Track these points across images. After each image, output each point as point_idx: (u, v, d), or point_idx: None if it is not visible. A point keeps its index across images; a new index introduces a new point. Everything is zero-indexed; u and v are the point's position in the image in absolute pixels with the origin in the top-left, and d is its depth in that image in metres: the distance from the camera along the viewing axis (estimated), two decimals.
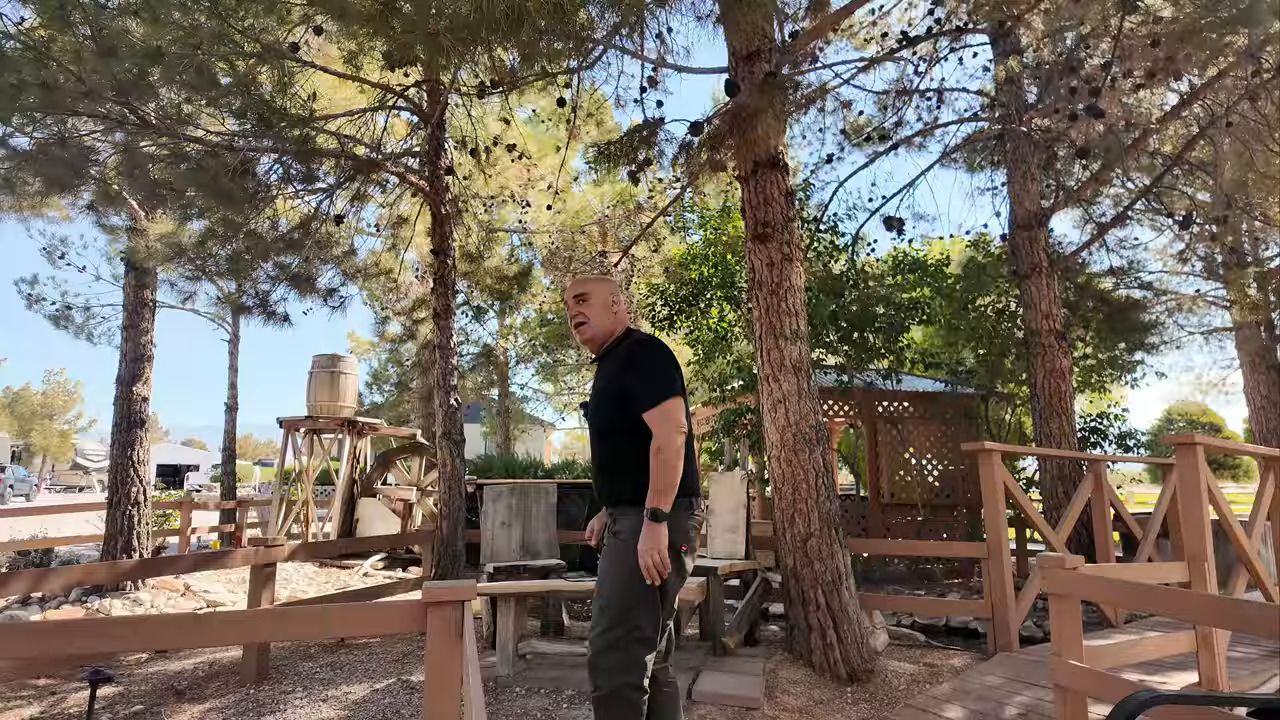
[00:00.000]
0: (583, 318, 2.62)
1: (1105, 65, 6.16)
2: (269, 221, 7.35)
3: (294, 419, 10.76)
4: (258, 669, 4.28)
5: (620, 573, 2.36)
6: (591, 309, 2.62)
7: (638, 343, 2.57)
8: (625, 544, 2.35)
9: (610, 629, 2.30)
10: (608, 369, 2.61)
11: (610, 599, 2.35)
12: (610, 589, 2.37)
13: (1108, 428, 8.97)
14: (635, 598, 2.31)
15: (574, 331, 2.67)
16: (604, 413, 2.54)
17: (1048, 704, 3.49)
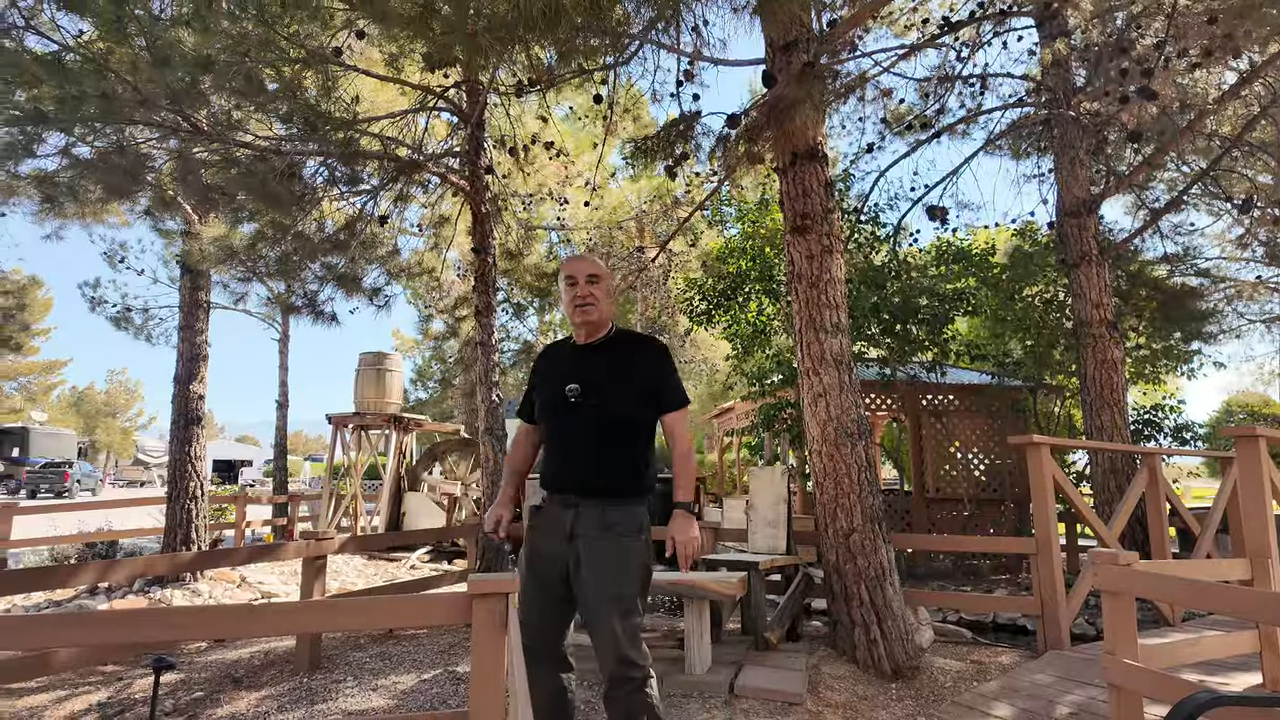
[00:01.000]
0: (593, 299, 2.54)
1: (1158, 45, 5.95)
2: (316, 223, 7.54)
3: (342, 415, 11.02)
4: (310, 658, 4.42)
5: (633, 565, 2.44)
6: (601, 293, 2.57)
7: (660, 344, 2.69)
8: (627, 536, 2.45)
9: (634, 618, 2.41)
10: (616, 361, 2.57)
11: (626, 591, 2.41)
12: (627, 580, 2.42)
13: (1163, 420, 8.67)
14: (644, 587, 2.48)
15: (576, 311, 2.54)
16: (625, 406, 2.51)
17: (1101, 704, 3.41)
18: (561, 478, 2.55)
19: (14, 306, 7.42)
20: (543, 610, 2.51)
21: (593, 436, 2.50)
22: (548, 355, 2.78)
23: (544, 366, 2.73)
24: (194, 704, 3.89)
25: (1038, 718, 3.46)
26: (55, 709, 3.87)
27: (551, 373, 2.62)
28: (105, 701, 3.97)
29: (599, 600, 2.40)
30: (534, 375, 2.75)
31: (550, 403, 2.58)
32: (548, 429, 2.63)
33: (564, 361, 2.63)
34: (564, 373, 2.56)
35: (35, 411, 38.51)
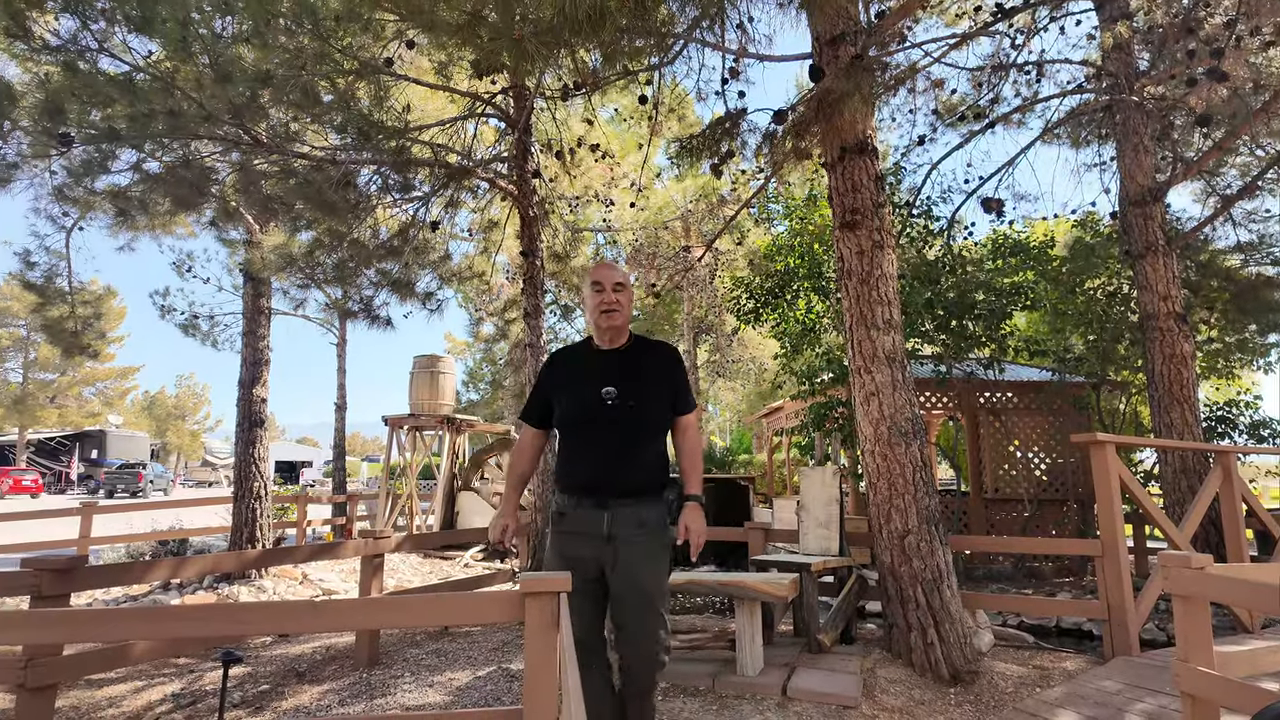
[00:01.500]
0: (619, 306, 2.63)
1: (1228, 24, 5.67)
2: (370, 230, 7.74)
3: (398, 417, 11.29)
4: (369, 654, 4.54)
5: (666, 561, 2.59)
6: (626, 300, 2.67)
7: (675, 350, 2.81)
8: (661, 532, 2.56)
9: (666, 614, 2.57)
10: (642, 365, 2.65)
11: (663, 587, 2.58)
12: (662, 576, 2.58)
13: (1237, 416, 8.26)
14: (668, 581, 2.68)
15: (602, 316, 2.62)
16: (652, 409, 2.62)
17: (1173, 713, 3.27)
18: (595, 479, 2.55)
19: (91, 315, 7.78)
20: (581, 608, 2.53)
21: (629, 437, 2.55)
22: (564, 360, 2.77)
23: (563, 371, 2.72)
24: (260, 696, 4.03)
25: None
26: (133, 699, 4.06)
27: (577, 376, 2.66)
28: (178, 693, 4.15)
29: (641, 599, 2.48)
30: (549, 380, 2.73)
31: (582, 406, 2.58)
32: (575, 432, 2.62)
33: (589, 365, 2.66)
34: (594, 376, 2.60)
35: (111, 415, 40.47)
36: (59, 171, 6.04)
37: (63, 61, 5.11)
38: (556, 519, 2.62)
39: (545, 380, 2.75)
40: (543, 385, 2.75)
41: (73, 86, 5.10)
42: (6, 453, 36.19)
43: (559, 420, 2.67)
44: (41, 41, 5.06)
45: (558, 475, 2.66)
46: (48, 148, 5.44)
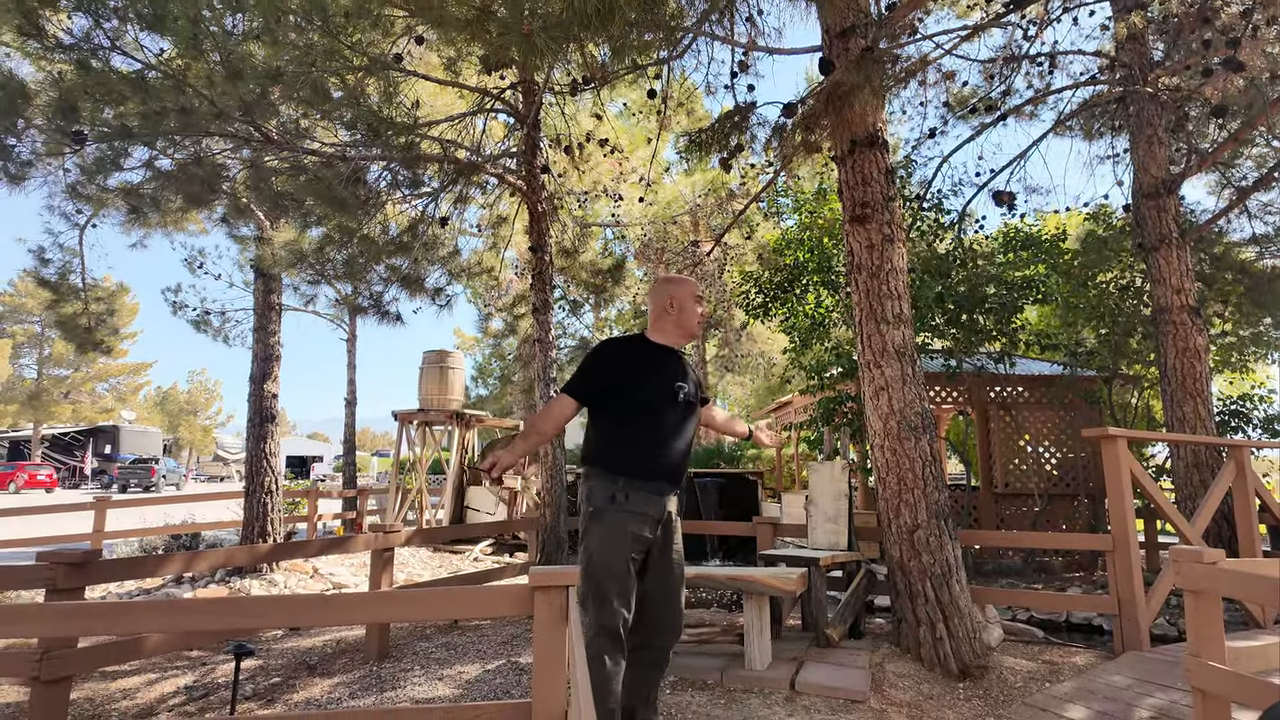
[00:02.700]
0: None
1: (1245, 13, 5.61)
2: (380, 226, 7.77)
3: (407, 412, 11.34)
4: (379, 647, 4.57)
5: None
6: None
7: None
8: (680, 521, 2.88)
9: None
10: (684, 367, 2.94)
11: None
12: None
13: (1251, 410, 8.18)
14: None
15: (697, 325, 2.98)
16: (696, 404, 2.94)
17: (1184, 708, 3.25)
18: (661, 467, 2.73)
19: (105, 312, 7.85)
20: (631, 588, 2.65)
21: (689, 431, 2.85)
22: (634, 350, 2.90)
23: (635, 361, 2.84)
24: (272, 689, 4.07)
25: None
26: (146, 691, 4.11)
27: (651, 368, 2.82)
28: (191, 685, 4.19)
29: (677, 579, 2.80)
30: (618, 366, 2.81)
31: (659, 397, 2.78)
32: (645, 421, 2.74)
33: (659, 360, 2.86)
34: (667, 371, 2.83)
35: (124, 411, 40.85)
36: (72, 169, 6.09)
37: (75, 60, 5.14)
38: (613, 500, 2.66)
39: (611, 366, 2.82)
40: (607, 369, 2.81)
41: (85, 84, 5.13)
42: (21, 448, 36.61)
43: (629, 406, 2.75)
44: (55, 40, 5.09)
45: (616, 459, 2.72)
46: (61, 145, 5.48)
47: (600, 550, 2.63)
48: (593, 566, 2.62)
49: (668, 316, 2.94)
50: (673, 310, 2.94)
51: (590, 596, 2.60)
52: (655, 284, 3.03)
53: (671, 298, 2.94)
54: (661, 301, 2.95)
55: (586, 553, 2.66)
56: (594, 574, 2.61)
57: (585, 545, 2.68)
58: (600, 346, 2.91)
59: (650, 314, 3.02)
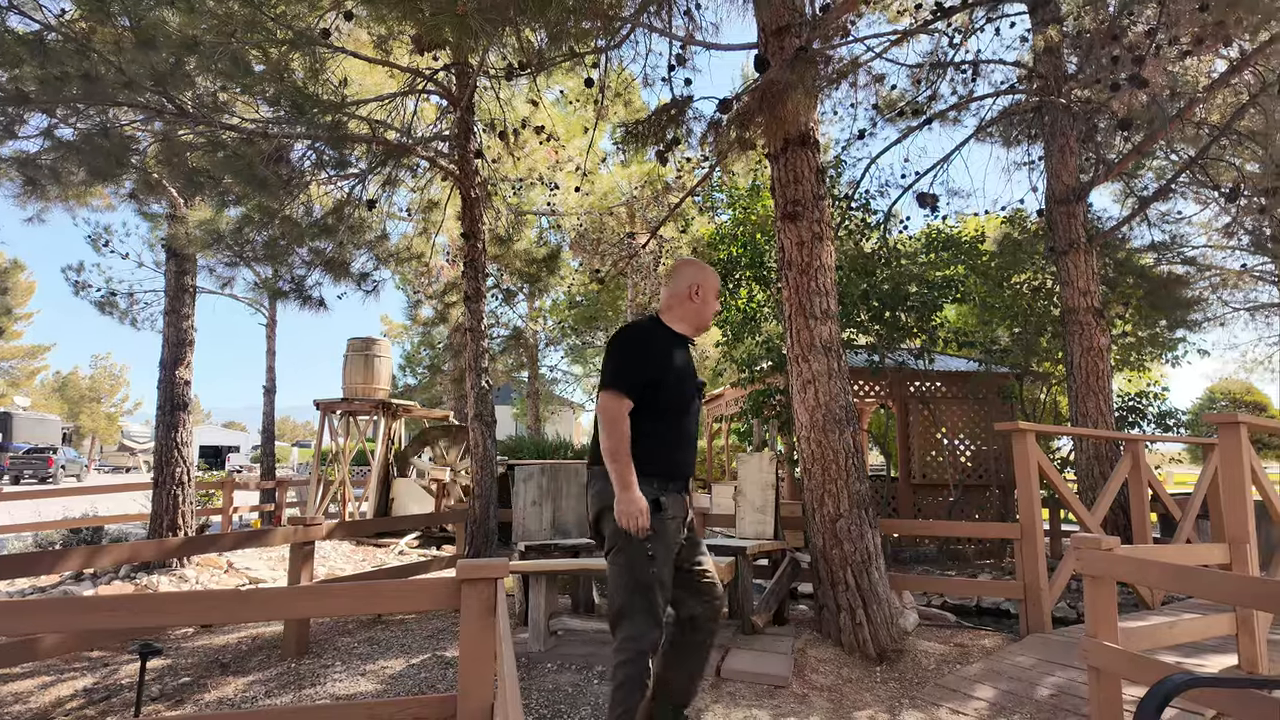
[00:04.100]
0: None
1: (1150, 32, 5.95)
2: (303, 207, 7.47)
3: (330, 401, 10.98)
4: (298, 644, 4.43)
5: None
6: None
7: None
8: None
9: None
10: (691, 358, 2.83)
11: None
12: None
13: (1147, 407, 8.76)
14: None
15: (709, 322, 2.83)
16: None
17: (1080, 685, 3.46)
18: (686, 466, 2.68)
19: None
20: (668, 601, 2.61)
21: (693, 426, 2.75)
22: (665, 341, 2.67)
23: (667, 354, 2.63)
24: (181, 689, 3.89)
25: (1018, 699, 3.52)
26: (41, 695, 3.86)
27: (680, 362, 2.65)
28: (91, 687, 3.97)
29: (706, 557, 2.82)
30: (658, 360, 2.60)
31: (688, 396, 2.67)
32: (677, 420, 2.61)
33: (681, 351, 2.71)
34: (689, 367, 2.72)
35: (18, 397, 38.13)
36: None
37: None
38: (659, 507, 2.50)
39: (653, 359, 2.60)
40: (651, 362, 2.58)
41: None
42: None
43: (662, 403, 2.55)
44: None
45: (652, 460, 2.52)
46: None
47: (656, 561, 2.47)
48: (646, 578, 2.44)
49: (689, 304, 2.74)
50: (696, 298, 2.74)
51: (639, 611, 2.43)
52: (681, 266, 2.81)
53: (698, 285, 2.74)
54: (686, 286, 2.74)
55: (631, 566, 2.46)
56: (646, 586, 2.44)
57: (628, 557, 2.46)
58: (638, 335, 2.66)
59: (668, 296, 2.79)
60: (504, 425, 19.48)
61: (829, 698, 3.60)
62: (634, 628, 2.42)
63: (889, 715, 3.44)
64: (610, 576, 2.53)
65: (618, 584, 2.48)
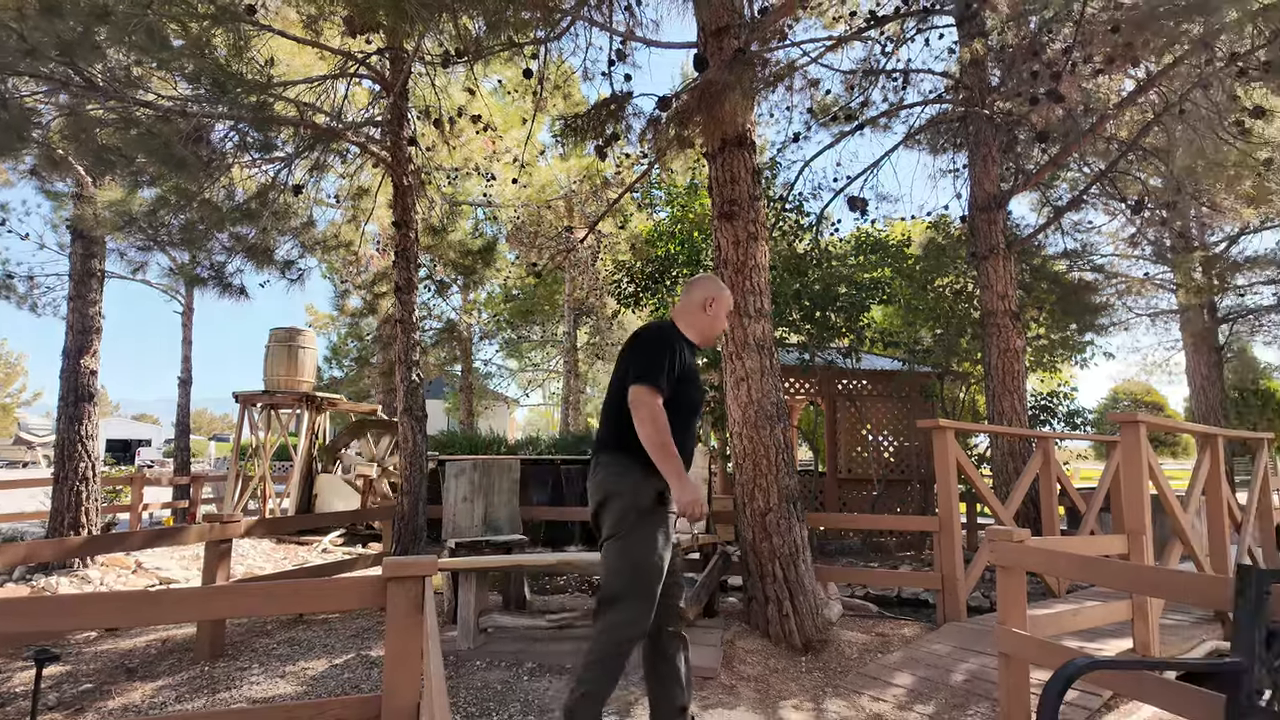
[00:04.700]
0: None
1: (1066, 50, 6.26)
2: (224, 190, 7.12)
3: (250, 393, 10.54)
4: (212, 646, 4.24)
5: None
6: None
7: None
8: None
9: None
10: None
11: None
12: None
13: (1057, 406, 9.25)
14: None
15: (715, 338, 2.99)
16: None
17: (992, 670, 3.63)
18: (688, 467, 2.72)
19: None
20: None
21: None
22: (683, 342, 2.79)
23: (689, 356, 2.78)
24: (81, 696, 3.68)
25: (935, 685, 3.66)
26: None
27: (693, 366, 2.80)
28: None
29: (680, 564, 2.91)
30: (685, 360, 2.71)
31: (698, 398, 2.82)
32: (688, 420, 2.74)
33: (692, 358, 2.82)
34: (697, 371, 2.85)
35: None
36: None
37: None
38: (661, 499, 2.59)
39: (682, 359, 2.69)
40: (681, 362, 2.67)
41: None
42: None
43: (680, 403, 2.64)
44: None
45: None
46: None
47: (658, 550, 2.55)
48: (648, 565, 2.52)
49: (703, 315, 2.86)
50: (709, 310, 2.87)
51: (636, 595, 2.49)
52: (700, 280, 2.94)
53: (713, 298, 2.87)
54: (703, 297, 2.87)
55: (633, 552, 2.52)
56: (647, 573, 2.51)
57: (631, 543, 2.53)
58: (668, 334, 2.74)
59: (684, 304, 2.91)
60: (435, 420, 19.07)
61: (756, 688, 3.67)
62: (627, 613, 2.48)
63: (813, 704, 3.54)
64: (607, 562, 2.57)
65: (616, 568, 2.54)
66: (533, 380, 30.31)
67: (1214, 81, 6.53)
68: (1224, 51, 6.29)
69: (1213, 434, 5.10)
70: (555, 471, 9.38)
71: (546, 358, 28.16)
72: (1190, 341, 14.85)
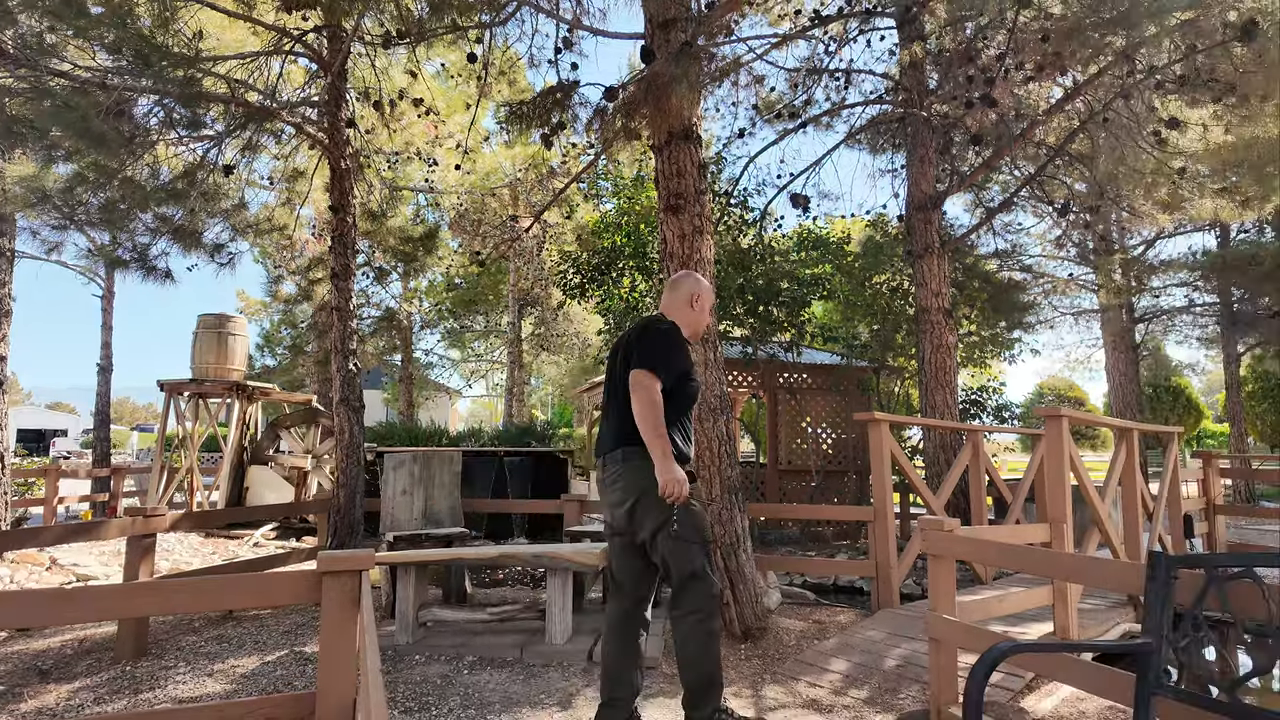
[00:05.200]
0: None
1: (1000, 56, 6.47)
2: (148, 168, 6.79)
3: (177, 382, 10.10)
4: (135, 645, 4.06)
5: None
6: None
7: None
8: None
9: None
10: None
11: None
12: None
13: (986, 400, 9.63)
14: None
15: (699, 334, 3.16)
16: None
17: (924, 655, 3.76)
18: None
19: None
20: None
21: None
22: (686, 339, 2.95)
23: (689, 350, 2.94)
24: None
25: (869, 671, 3.78)
26: None
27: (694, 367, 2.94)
28: None
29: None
30: (688, 355, 2.87)
31: (697, 392, 2.94)
32: (690, 413, 2.91)
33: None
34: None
35: None
36: None
37: None
38: (690, 477, 2.74)
39: (687, 353, 2.85)
40: (686, 356, 2.84)
41: None
42: None
43: (686, 395, 2.82)
44: None
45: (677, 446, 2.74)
46: None
47: (707, 520, 2.80)
48: (706, 535, 2.75)
49: (690, 312, 3.02)
50: (696, 306, 3.03)
51: (704, 567, 2.70)
52: (682, 278, 3.08)
53: (697, 294, 3.04)
54: (688, 294, 3.02)
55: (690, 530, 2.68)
56: (707, 542, 2.76)
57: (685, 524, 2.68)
58: (676, 331, 2.89)
59: (670, 301, 3.05)
60: (374, 411, 18.63)
61: None
62: (709, 585, 2.70)
63: (752, 690, 3.60)
64: (670, 549, 2.67)
65: (682, 551, 2.67)
66: (476, 371, 29.92)
67: (1134, 92, 6.85)
68: (1144, 64, 6.61)
69: (1129, 428, 5.37)
70: (499, 463, 9.29)
71: (490, 348, 27.82)
72: (1110, 340, 15.64)
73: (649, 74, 4.53)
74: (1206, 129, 7.07)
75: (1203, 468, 7.30)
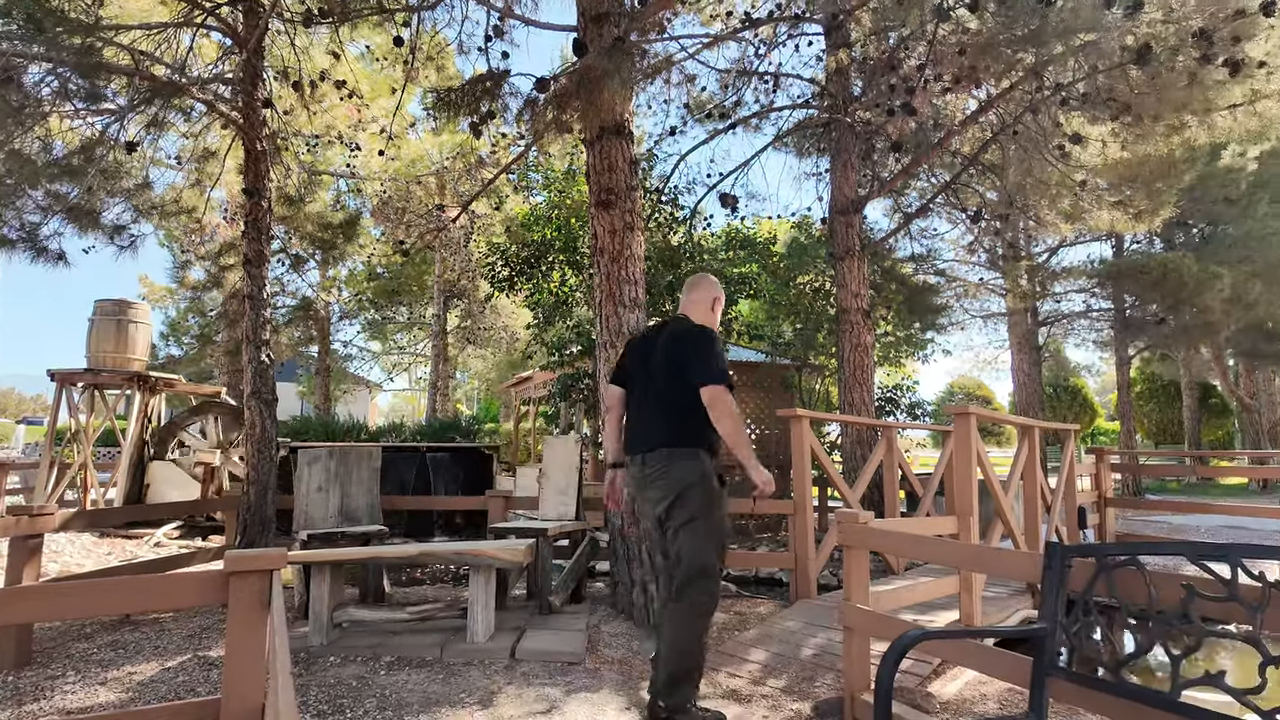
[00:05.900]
0: None
1: (920, 67, 6.73)
2: (40, 142, 6.31)
3: (70, 371, 9.43)
4: (17, 653, 3.77)
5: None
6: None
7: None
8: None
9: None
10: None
11: None
12: None
13: (900, 398, 10.01)
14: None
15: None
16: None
17: (839, 644, 3.88)
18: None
19: None
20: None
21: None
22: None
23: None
24: None
25: (786, 660, 3.88)
26: None
27: None
28: None
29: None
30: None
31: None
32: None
33: None
34: None
35: None
36: None
37: None
38: (721, 481, 3.04)
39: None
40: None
41: None
42: None
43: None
44: None
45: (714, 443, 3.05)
46: None
47: (727, 525, 3.06)
48: (724, 536, 3.01)
49: (710, 314, 3.29)
50: (715, 310, 3.32)
51: (715, 565, 2.92)
52: (702, 280, 3.36)
53: (718, 298, 3.35)
54: (710, 296, 3.31)
55: (714, 529, 2.94)
56: (723, 546, 2.99)
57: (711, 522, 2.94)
58: (717, 338, 3.08)
59: (693, 303, 3.30)
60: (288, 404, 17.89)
61: (619, 670, 3.73)
62: (715, 584, 2.92)
63: None
64: (689, 542, 2.90)
65: (700, 546, 2.89)
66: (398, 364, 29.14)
67: (1042, 108, 7.24)
68: (1051, 81, 6.99)
69: (1031, 425, 5.69)
70: (421, 459, 9.08)
71: (414, 341, 27.14)
72: (1015, 342, 16.51)
73: (581, 67, 4.50)
74: (1105, 145, 7.53)
75: (1095, 463, 7.81)
